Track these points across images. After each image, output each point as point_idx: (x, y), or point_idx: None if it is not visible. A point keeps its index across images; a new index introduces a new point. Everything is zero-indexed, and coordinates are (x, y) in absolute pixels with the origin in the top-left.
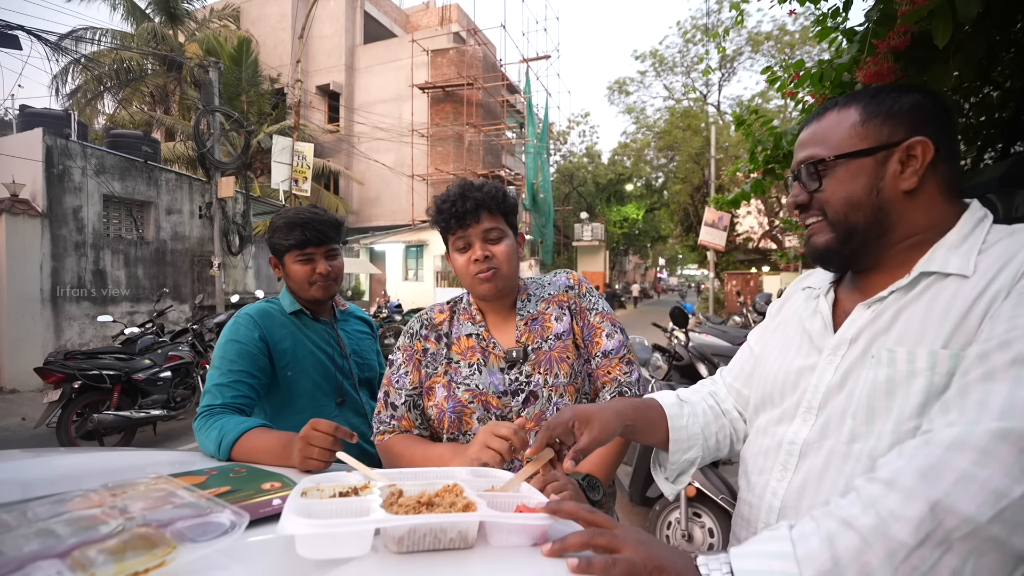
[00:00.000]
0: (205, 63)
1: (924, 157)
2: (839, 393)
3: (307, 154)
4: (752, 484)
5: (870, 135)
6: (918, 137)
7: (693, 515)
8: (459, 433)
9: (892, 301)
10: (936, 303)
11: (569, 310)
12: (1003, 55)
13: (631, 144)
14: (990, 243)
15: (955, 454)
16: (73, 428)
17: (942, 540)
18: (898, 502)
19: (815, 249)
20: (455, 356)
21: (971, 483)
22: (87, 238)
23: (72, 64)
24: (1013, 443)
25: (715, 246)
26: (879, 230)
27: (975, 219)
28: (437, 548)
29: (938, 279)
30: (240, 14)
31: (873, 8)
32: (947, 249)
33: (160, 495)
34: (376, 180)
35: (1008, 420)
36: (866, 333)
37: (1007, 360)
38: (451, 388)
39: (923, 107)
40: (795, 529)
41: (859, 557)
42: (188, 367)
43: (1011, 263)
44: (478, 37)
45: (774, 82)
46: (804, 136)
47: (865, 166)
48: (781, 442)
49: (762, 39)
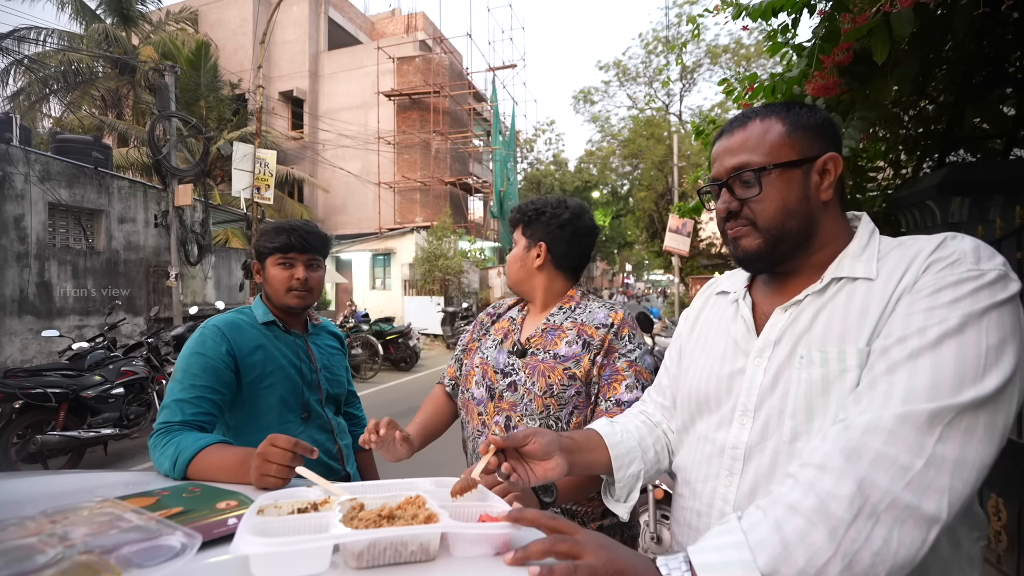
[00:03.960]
0: (160, 67)
1: (836, 171)
2: (772, 394)
3: (270, 161)
4: (698, 492)
5: (796, 146)
6: (831, 153)
7: (662, 517)
8: (464, 388)
9: (808, 303)
10: (852, 304)
11: (587, 344)
12: (936, 72)
13: (597, 152)
14: (884, 252)
15: (869, 437)
16: (13, 451)
17: (871, 513)
18: (832, 482)
19: (745, 252)
20: (492, 330)
21: (884, 460)
22: (30, 248)
23: (14, 65)
24: (911, 424)
25: (679, 251)
26: (805, 236)
27: (869, 231)
28: (398, 562)
29: (847, 283)
30: (198, 17)
31: (819, 25)
32: (851, 257)
33: (105, 519)
34: (342, 188)
35: (907, 405)
36: (788, 334)
37: (904, 355)
38: (476, 353)
39: (831, 125)
40: (744, 520)
41: (805, 538)
42: (143, 383)
43: (910, 268)
44: (444, 45)
45: (730, 93)
46: (730, 144)
47: (796, 176)
48: (723, 447)
49: (720, 52)
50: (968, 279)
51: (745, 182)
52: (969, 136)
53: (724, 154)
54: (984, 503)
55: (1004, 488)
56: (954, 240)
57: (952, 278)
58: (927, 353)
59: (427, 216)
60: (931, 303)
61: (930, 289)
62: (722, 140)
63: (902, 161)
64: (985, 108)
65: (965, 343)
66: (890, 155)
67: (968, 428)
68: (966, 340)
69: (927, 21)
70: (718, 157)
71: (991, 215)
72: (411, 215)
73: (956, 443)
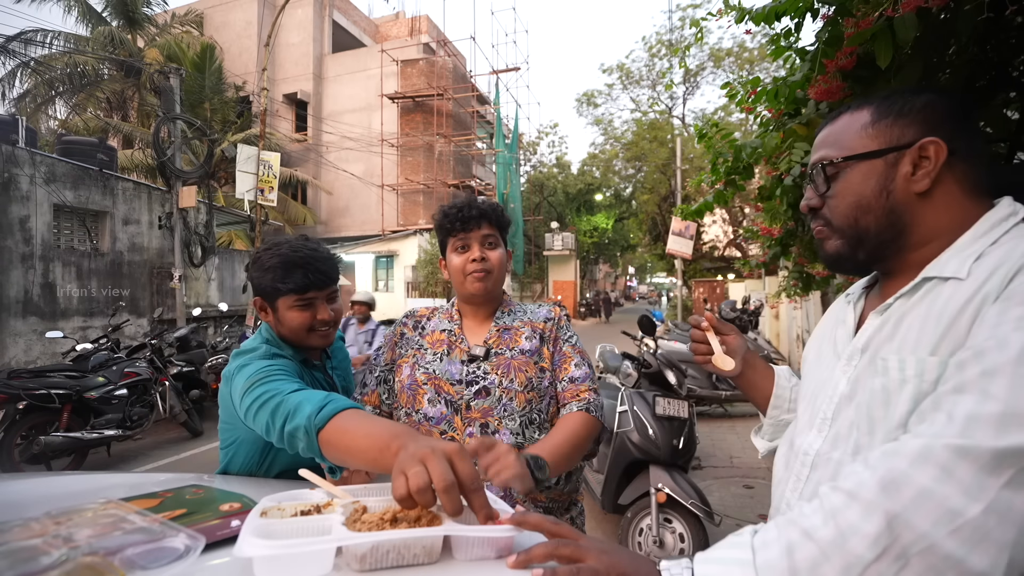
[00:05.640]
0: (166, 69)
1: (937, 158)
2: (849, 404)
3: (273, 163)
4: (775, 492)
5: (880, 136)
6: (930, 138)
7: (664, 521)
8: (412, 409)
9: (897, 307)
10: (932, 308)
11: (542, 337)
12: (940, 76)
13: (600, 155)
14: (1001, 243)
15: (917, 468)
16: (17, 452)
17: (899, 555)
18: (858, 515)
19: (826, 255)
20: (425, 344)
21: (929, 499)
22: (35, 250)
23: (20, 67)
24: (972, 461)
25: (682, 254)
26: (892, 233)
27: (995, 219)
28: (401, 564)
29: (938, 283)
30: (203, 20)
31: (822, 30)
32: (954, 252)
33: (109, 521)
34: (345, 190)
35: (968, 437)
36: (874, 341)
37: (978, 371)
38: (414, 368)
39: (936, 106)
40: (758, 536)
41: (816, 569)
42: (146, 384)
43: (1003, 266)
44: (448, 48)
45: (733, 97)
46: (819, 139)
47: (875, 168)
48: (797, 452)
49: (723, 55)
50: None
51: (828, 177)
52: None
53: (816, 146)
54: None
55: None
56: None
57: None
58: (1005, 372)
59: (430, 218)
60: (1021, 313)
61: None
62: (818, 134)
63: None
64: (989, 112)
65: None
66: None
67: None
68: None
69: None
70: (812, 151)
71: None
72: (414, 217)
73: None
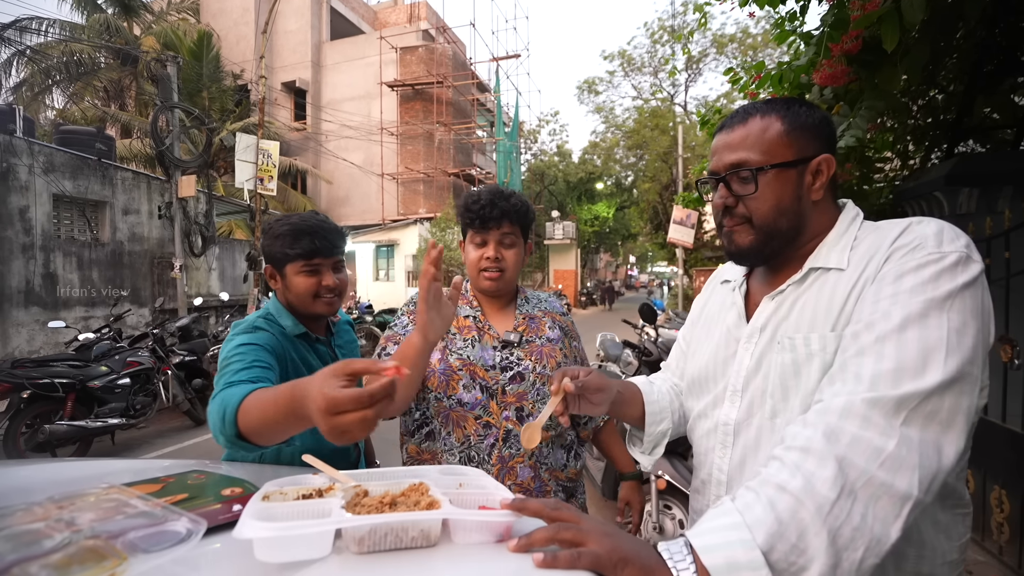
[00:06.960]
0: (163, 57)
1: (829, 172)
2: (756, 376)
3: (273, 152)
4: (701, 463)
5: (794, 146)
6: (826, 155)
7: (664, 507)
8: (444, 395)
9: (789, 293)
10: (822, 293)
11: (562, 328)
12: (947, 61)
13: (601, 143)
14: (860, 239)
15: (845, 421)
16: (22, 440)
17: (851, 491)
18: (815, 463)
19: (738, 249)
20: (453, 329)
21: (860, 442)
22: (35, 240)
23: (16, 56)
24: (880, 408)
25: (683, 243)
26: (794, 233)
27: (849, 219)
28: (399, 547)
29: (823, 272)
30: (200, 7)
31: (828, 13)
32: (829, 247)
33: (111, 505)
34: (345, 179)
35: (875, 390)
36: (771, 322)
37: (872, 339)
38: (445, 353)
39: (828, 124)
40: (737, 501)
41: (795, 515)
42: (148, 373)
43: (876, 255)
44: (447, 35)
45: (736, 83)
46: (730, 139)
47: (791, 176)
48: (717, 423)
49: (726, 41)
50: (929, 263)
51: (742, 179)
52: (979, 126)
53: (724, 149)
54: (987, 495)
55: (1007, 480)
56: (919, 224)
57: (913, 263)
58: (892, 337)
59: (430, 207)
60: (895, 290)
61: (893, 276)
62: (722, 134)
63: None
64: (996, 98)
65: (927, 327)
66: (898, 145)
67: (932, 411)
68: (928, 324)
69: (938, 8)
70: (717, 151)
71: (1000, 206)
72: (414, 206)
73: (922, 425)
